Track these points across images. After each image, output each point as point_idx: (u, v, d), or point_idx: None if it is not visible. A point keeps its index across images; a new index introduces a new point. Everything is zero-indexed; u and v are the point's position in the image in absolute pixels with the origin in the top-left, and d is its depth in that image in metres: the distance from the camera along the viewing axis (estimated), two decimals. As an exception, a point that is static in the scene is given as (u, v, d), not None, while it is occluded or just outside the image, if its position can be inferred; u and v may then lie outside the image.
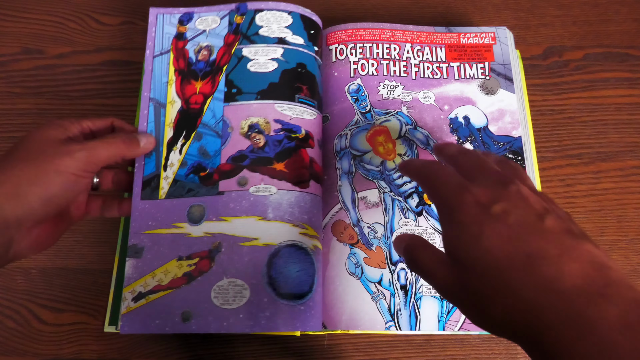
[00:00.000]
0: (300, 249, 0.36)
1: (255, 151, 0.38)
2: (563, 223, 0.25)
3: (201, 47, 0.42)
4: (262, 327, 0.34)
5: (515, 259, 0.24)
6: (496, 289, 0.24)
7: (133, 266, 0.37)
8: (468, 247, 0.25)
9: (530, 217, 0.25)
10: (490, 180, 0.27)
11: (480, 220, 0.25)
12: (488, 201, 0.26)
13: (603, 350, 0.20)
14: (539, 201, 0.26)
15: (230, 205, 0.37)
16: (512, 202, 0.25)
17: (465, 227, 0.26)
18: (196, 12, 0.43)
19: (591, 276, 0.22)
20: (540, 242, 0.24)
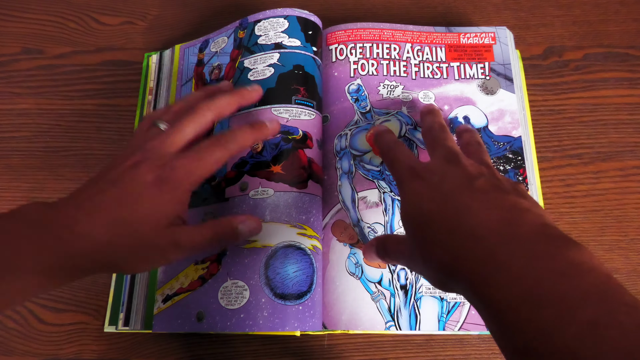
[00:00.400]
0: (298, 249, 0.37)
1: (254, 156, 0.39)
2: (494, 181, 0.28)
3: (213, 68, 0.44)
4: (260, 327, 0.35)
5: (445, 215, 0.27)
6: (431, 243, 0.27)
7: (163, 271, 0.40)
8: (412, 216, 0.29)
9: (463, 181, 0.29)
10: (439, 156, 0.32)
11: (421, 191, 0.29)
12: (429, 175, 0.30)
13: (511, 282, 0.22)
14: (476, 168, 0.30)
15: (234, 210, 0.38)
16: (448, 172, 0.30)
17: (410, 199, 0.30)
18: (211, 37, 0.47)
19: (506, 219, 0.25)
20: (466, 198, 0.27)
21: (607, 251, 0.42)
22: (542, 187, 0.44)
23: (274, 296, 0.35)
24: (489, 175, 0.29)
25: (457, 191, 0.28)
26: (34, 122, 0.47)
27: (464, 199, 0.27)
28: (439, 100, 0.44)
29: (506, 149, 0.42)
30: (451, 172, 0.30)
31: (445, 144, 0.33)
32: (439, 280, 0.28)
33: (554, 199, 0.44)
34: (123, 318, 0.39)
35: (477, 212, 0.26)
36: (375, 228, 0.40)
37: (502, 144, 0.42)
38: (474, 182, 0.28)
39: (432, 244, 0.27)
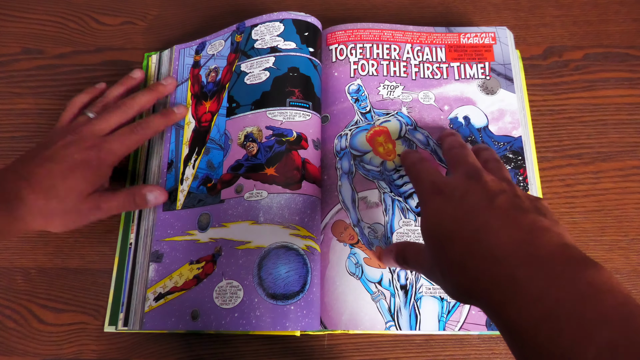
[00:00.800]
0: (290, 249, 0.37)
1: (249, 159, 0.40)
2: (515, 200, 0.28)
3: (210, 70, 0.45)
4: (253, 326, 0.36)
5: (464, 234, 0.27)
6: (451, 261, 0.28)
7: (155, 270, 0.40)
8: (433, 230, 0.30)
9: (483, 198, 0.29)
10: (460, 173, 0.33)
11: (442, 207, 0.30)
12: (451, 191, 0.30)
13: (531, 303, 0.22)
14: (497, 185, 0.30)
15: (229, 212, 0.39)
16: (469, 188, 0.30)
17: (432, 214, 0.30)
18: (208, 40, 0.47)
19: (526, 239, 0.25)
20: (486, 217, 0.27)
21: (607, 251, 0.42)
22: (542, 187, 0.44)
23: (266, 296, 0.36)
24: (510, 192, 0.29)
25: (478, 208, 0.28)
26: (34, 122, 0.47)
27: (484, 217, 0.27)
28: (439, 100, 0.44)
29: (506, 149, 0.42)
30: (472, 188, 0.30)
31: (467, 160, 0.34)
32: (459, 296, 0.28)
33: (554, 199, 0.44)
34: (123, 318, 0.39)
35: (496, 231, 0.26)
36: (375, 228, 0.40)
37: (502, 144, 0.42)
38: (494, 200, 0.28)
39: (451, 263, 0.28)
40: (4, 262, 0.43)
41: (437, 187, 0.32)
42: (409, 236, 0.40)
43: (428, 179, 0.33)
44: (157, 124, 0.42)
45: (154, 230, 0.42)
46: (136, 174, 0.45)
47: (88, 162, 0.38)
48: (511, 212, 0.27)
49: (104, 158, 0.38)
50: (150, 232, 0.42)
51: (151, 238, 0.42)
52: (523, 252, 0.24)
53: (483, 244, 0.26)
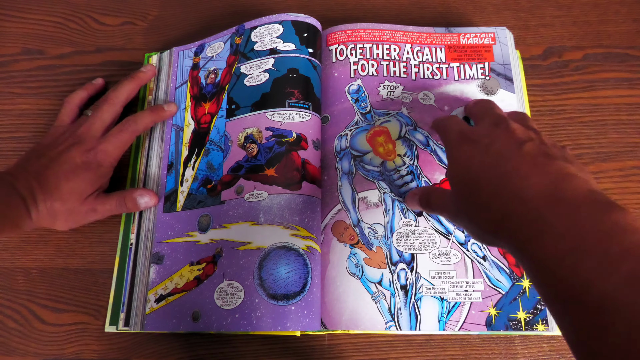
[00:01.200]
0: (290, 250, 0.37)
1: (250, 160, 0.40)
2: (542, 147, 0.29)
3: (209, 72, 0.45)
4: (254, 326, 0.36)
5: (492, 178, 0.28)
6: (479, 204, 0.29)
7: (156, 272, 0.40)
8: (461, 176, 0.31)
9: (511, 145, 0.29)
10: (487, 122, 0.33)
11: (469, 153, 0.31)
12: (478, 137, 0.31)
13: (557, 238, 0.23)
14: (524, 132, 0.30)
15: (230, 213, 0.39)
16: (497, 136, 0.30)
17: (458, 159, 0.31)
18: (207, 42, 0.47)
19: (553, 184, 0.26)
20: (515, 163, 0.28)
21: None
22: (542, 188, 0.44)
23: (267, 297, 0.36)
24: (537, 139, 0.30)
25: (506, 154, 0.29)
26: (34, 122, 0.47)
27: (512, 162, 0.28)
28: (439, 100, 0.44)
29: (506, 149, 0.42)
30: (500, 136, 0.30)
31: (493, 112, 0.34)
32: (484, 237, 0.29)
33: None
34: (123, 319, 0.39)
35: (524, 175, 0.27)
36: (375, 228, 0.40)
37: (502, 144, 0.42)
38: (522, 146, 0.29)
39: (479, 205, 0.29)
40: (5, 262, 0.43)
41: (465, 135, 0.32)
42: (409, 236, 0.40)
43: (455, 128, 0.34)
44: (146, 120, 0.43)
45: (155, 232, 0.42)
46: (136, 175, 0.45)
47: (88, 164, 0.39)
48: (539, 159, 0.28)
49: (101, 160, 0.40)
50: (151, 234, 0.42)
51: (152, 239, 0.42)
52: (550, 195, 0.25)
53: (511, 187, 0.27)
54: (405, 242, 0.40)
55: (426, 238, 0.40)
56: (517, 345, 0.40)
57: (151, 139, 0.46)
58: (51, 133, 0.42)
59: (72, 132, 0.41)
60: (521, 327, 0.37)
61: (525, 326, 0.37)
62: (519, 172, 0.27)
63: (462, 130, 0.33)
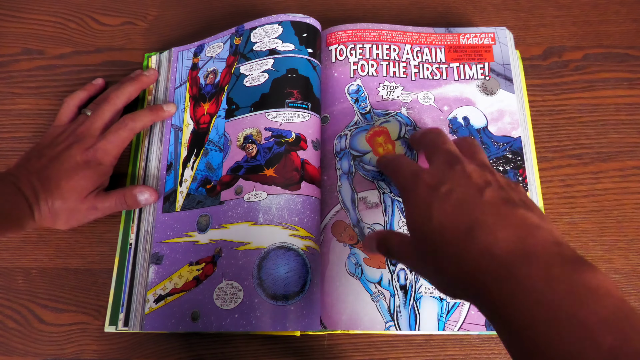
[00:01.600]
0: (289, 250, 0.37)
1: (249, 160, 0.40)
2: (501, 193, 0.28)
3: (209, 72, 0.45)
4: (253, 326, 0.36)
5: (458, 231, 0.27)
6: (445, 258, 0.27)
7: (155, 272, 0.40)
8: (421, 225, 0.29)
9: (471, 191, 0.29)
10: (440, 161, 0.32)
11: (429, 201, 0.29)
12: (435, 183, 0.30)
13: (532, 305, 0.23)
14: (481, 176, 0.30)
15: (229, 213, 0.39)
16: (455, 181, 0.29)
17: (418, 208, 0.30)
18: (206, 42, 0.47)
19: (520, 238, 0.25)
20: (479, 213, 0.27)
21: (606, 251, 0.42)
22: (542, 188, 0.44)
23: (267, 297, 0.36)
24: (495, 183, 0.29)
25: (468, 203, 0.28)
26: (34, 122, 0.48)
27: (476, 213, 0.27)
28: (438, 100, 0.44)
29: (506, 149, 0.42)
30: (458, 181, 0.29)
31: (444, 147, 0.33)
32: (449, 290, 0.28)
33: (553, 199, 0.44)
34: (123, 318, 0.39)
35: (491, 229, 0.26)
36: (375, 228, 0.40)
37: (501, 144, 0.42)
38: (483, 193, 0.28)
39: (444, 257, 0.27)
40: (5, 262, 0.43)
41: (420, 178, 0.31)
42: (409, 236, 0.40)
43: (408, 169, 0.33)
44: (145, 119, 0.43)
45: (154, 232, 0.42)
46: (135, 175, 0.45)
47: (89, 162, 0.40)
48: (502, 208, 0.27)
49: (101, 159, 0.40)
50: (150, 234, 0.42)
51: (151, 240, 0.42)
52: (519, 251, 0.25)
53: (479, 241, 0.26)
54: (404, 242, 0.40)
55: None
56: (517, 346, 0.40)
57: (150, 139, 0.46)
58: (50, 132, 0.42)
59: (72, 131, 0.41)
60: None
61: (524, 326, 0.37)
62: (484, 224, 0.27)
63: (416, 173, 0.32)
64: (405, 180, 0.32)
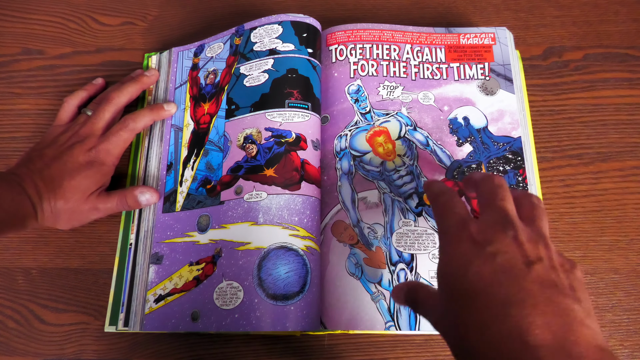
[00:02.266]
0: (289, 250, 0.37)
1: (249, 160, 0.40)
2: (551, 274, 0.25)
3: (209, 72, 0.45)
4: (253, 326, 0.36)
5: (493, 300, 0.24)
6: (471, 325, 0.25)
7: (155, 272, 0.40)
8: (454, 280, 0.27)
9: (519, 263, 0.25)
10: (493, 219, 0.28)
11: (470, 257, 0.26)
12: (482, 240, 0.27)
13: None
14: (534, 248, 0.26)
15: (229, 213, 0.39)
16: (504, 245, 0.26)
17: (455, 260, 0.27)
18: (206, 42, 0.47)
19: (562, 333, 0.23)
20: (519, 289, 0.24)
21: (606, 251, 0.42)
22: (542, 188, 0.44)
23: (266, 297, 0.36)
24: (547, 259, 0.26)
25: (512, 274, 0.25)
26: (34, 122, 0.48)
27: (518, 287, 0.24)
28: (438, 100, 0.44)
29: (506, 149, 0.42)
30: (507, 247, 0.26)
31: (501, 204, 0.29)
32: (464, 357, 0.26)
33: (553, 199, 0.44)
34: (123, 319, 0.39)
35: (529, 311, 0.23)
36: (375, 228, 0.40)
37: (501, 144, 0.42)
38: (531, 268, 0.25)
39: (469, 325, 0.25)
40: (5, 262, 0.43)
41: (467, 230, 0.28)
42: (409, 236, 0.40)
43: (458, 213, 0.29)
44: (145, 118, 0.43)
45: (154, 232, 0.42)
46: (136, 175, 0.45)
47: (91, 163, 0.40)
48: (547, 291, 0.24)
49: (103, 159, 0.40)
50: (150, 234, 0.42)
51: (151, 240, 0.42)
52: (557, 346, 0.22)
53: (513, 320, 0.23)
54: (404, 242, 0.40)
55: (426, 238, 0.40)
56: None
57: (150, 139, 0.46)
58: (51, 132, 0.42)
59: (74, 131, 0.41)
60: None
61: (524, 326, 0.37)
62: (524, 304, 0.24)
63: (464, 221, 0.28)
64: (450, 226, 0.29)
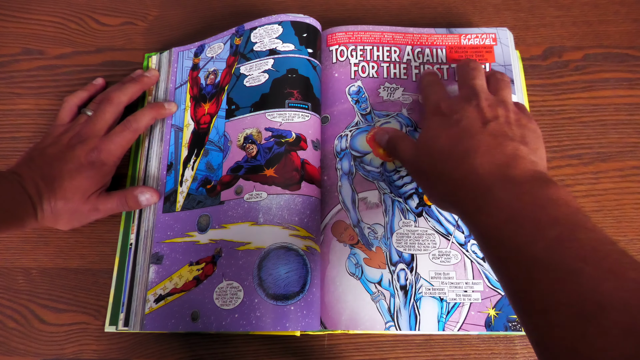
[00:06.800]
0: (290, 250, 0.37)
1: (249, 160, 0.40)
2: (503, 127, 0.33)
3: (209, 73, 0.45)
4: (253, 326, 0.36)
5: (456, 151, 0.32)
6: (439, 173, 0.33)
7: (155, 272, 0.40)
8: (429, 143, 0.35)
9: (477, 123, 0.33)
10: (461, 94, 0.37)
11: (441, 125, 0.35)
12: (449, 112, 0.35)
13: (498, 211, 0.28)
14: (491, 111, 0.34)
15: (229, 213, 0.39)
16: (467, 112, 0.34)
17: (430, 129, 0.36)
18: (207, 42, 0.48)
19: (505, 164, 0.30)
20: (476, 140, 0.32)
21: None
22: (542, 188, 0.44)
23: (267, 297, 0.36)
24: (503, 118, 0.34)
25: (471, 131, 0.33)
26: (34, 122, 0.48)
27: (475, 140, 0.32)
28: (438, 100, 0.44)
29: (506, 149, 0.42)
30: (469, 113, 0.34)
31: (470, 82, 0.37)
32: (439, 202, 0.35)
33: None
34: (123, 319, 0.39)
35: (482, 153, 0.31)
36: (375, 229, 0.40)
37: (501, 144, 0.42)
38: (486, 125, 0.33)
39: (440, 174, 0.33)
40: (5, 262, 0.43)
41: (440, 108, 0.36)
42: (409, 237, 0.40)
43: (434, 99, 0.38)
44: (147, 117, 0.43)
45: (154, 232, 0.42)
46: (136, 176, 0.45)
47: (92, 163, 0.40)
48: (499, 139, 0.32)
49: (105, 159, 0.40)
50: (151, 234, 0.42)
51: (151, 240, 0.42)
52: (501, 174, 0.30)
53: (470, 162, 0.31)
54: (405, 242, 0.40)
55: (426, 238, 0.40)
56: (517, 345, 0.40)
57: (151, 139, 0.46)
58: (52, 132, 0.42)
59: (75, 131, 0.41)
60: (520, 328, 0.37)
61: (524, 326, 0.37)
62: (478, 149, 0.31)
63: (438, 103, 0.37)
64: (428, 108, 0.38)
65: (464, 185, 0.31)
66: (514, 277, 0.26)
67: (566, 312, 0.22)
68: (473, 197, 0.30)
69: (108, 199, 0.41)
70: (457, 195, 0.31)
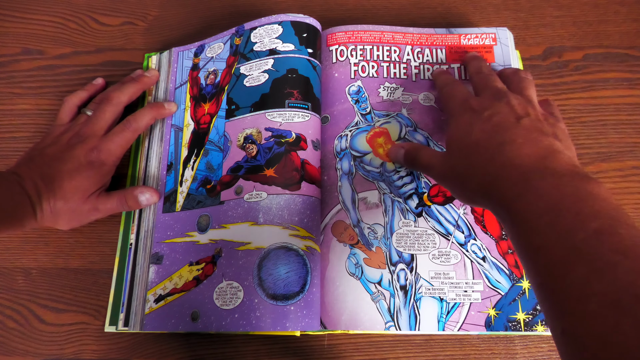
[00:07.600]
0: (290, 250, 0.37)
1: (249, 160, 0.40)
2: (537, 124, 0.33)
3: (209, 73, 0.45)
4: (253, 326, 0.36)
5: (490, 145, 0.32)
6: (473, 167, 0.33)
7: (155, 272, 0.40)
8: (460, 140, 0.34)
9: (510, 118, 0.33)
10: (489, 94, 0.37)
11: (473, 121, 0.34)
12: (481, 108, 0.35)
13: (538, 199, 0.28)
14: (523, 108, 0.34)
15: (229, 213, 0.39)
16: (498, 109, 0.34)
17: (460, 127, 0.35)
18: (207, 42, 0.47)
19: (542, 156, 0.30)
20: (511, 134, 0.32)
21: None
22: (542, 188, 0.44)
23: (266, 297, 0.36)
24: (534, 115, 0.34)
25: (505, 125, 0.33)
26: (34, 122, 0.48)
27: (510, 133, 0.32)
28: (439, 101, 0.44)
29: (506, 149, 0.42)
30: (501, 109, 0.34)
31: (494, 85, 0.38)
32: (472, 197, 0.34)
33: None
34: (123, 319, 0.39)
35: (519, 146, 0.31)
36: (375, 229, 0.40)
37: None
38: (520, 121, 0.33)
39: (475, 167, 0.32)
40: (5, 262, 0.43)
41: (469, 104, 0.36)
42: (409, 237, 0.40)
43: (460, 96, 0.38)
44: (146, 117, 0.43)
45: (154, 232, 0.42)
46: (136, 176, 0.45)
47: (92, 163, 0.40)
48: (533, 134, 0.32)
49: (105, 159, 0.40)
50: (150, 234, 0.42)
51: (151, 240, 0.42)
52: (539, 165, 0.29)
53: (506, 154, 0.31)
54: (404, 242, 0.40)
55: (426, 239, 0.40)
56: (517, 345, 0.40)
57: (151, 139, 0.46)
58: (52, 132, 0.42)
59: (75, 131, 0.41)
60: (520, 328, 0.37)
61: (524, 327, 0.38)
62: (514, 142, 0.31)
63: (466, 99, 0.37)
64: (454, 107, 0.37)
65: (501, 177, 0.30)
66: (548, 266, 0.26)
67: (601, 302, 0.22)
68: (511, 185, 0.30)
69: (108, 198, 0.41)
70: (493, 186, 0.31)
